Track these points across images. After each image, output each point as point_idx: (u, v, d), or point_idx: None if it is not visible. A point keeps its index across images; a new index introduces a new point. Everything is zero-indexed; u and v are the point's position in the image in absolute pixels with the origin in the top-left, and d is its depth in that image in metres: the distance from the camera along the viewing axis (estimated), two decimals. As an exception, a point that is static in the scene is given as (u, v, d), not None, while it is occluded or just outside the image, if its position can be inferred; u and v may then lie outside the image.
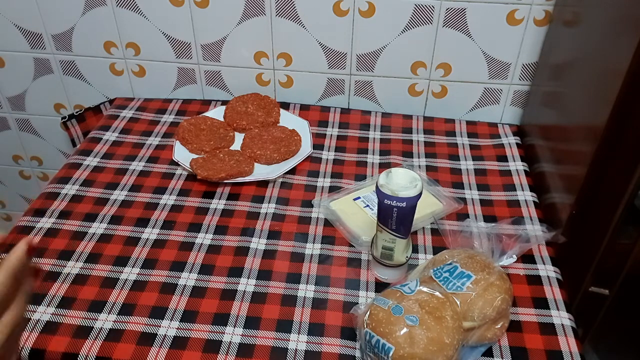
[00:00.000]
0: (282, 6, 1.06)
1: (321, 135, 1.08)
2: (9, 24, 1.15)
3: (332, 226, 0.89)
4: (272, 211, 0.91)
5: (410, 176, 0.72)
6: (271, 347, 0.71)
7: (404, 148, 1.05)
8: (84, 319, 0.74)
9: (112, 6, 1.10)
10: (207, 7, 1.08)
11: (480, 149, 1.05)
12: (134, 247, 0.85)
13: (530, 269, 0.82)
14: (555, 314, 0.75)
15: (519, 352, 0.71)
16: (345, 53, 1.10)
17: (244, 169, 0.96)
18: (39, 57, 1.20)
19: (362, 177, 0.98)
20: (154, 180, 0.97)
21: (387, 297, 0.68)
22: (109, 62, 1.19)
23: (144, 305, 0.76)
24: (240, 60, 1.14)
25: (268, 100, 1.13)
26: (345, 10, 1.05)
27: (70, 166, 1.00)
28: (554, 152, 0.93)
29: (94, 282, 0.79)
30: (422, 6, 1.02)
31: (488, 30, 1.04)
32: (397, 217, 0.72)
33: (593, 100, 0.78)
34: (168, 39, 1.13)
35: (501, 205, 0.93)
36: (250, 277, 0.80)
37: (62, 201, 0.92)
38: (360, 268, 0.82)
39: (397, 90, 1.14)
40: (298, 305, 0.76)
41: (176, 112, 1.15)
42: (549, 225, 0.83)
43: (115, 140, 1.06)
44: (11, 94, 1.27)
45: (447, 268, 0.72)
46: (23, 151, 1.38)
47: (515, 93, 1.11)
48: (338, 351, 0.71)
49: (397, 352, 0.63)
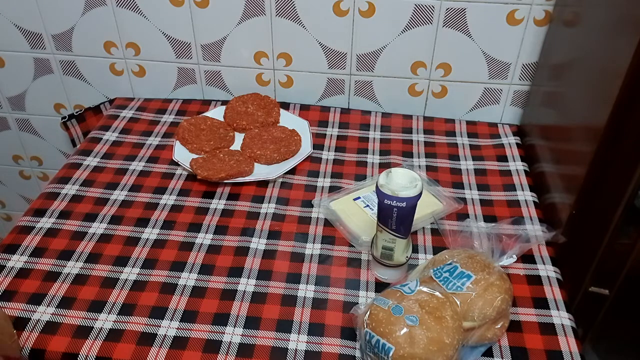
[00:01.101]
0: (282, 6, 1.06)
1: (321, 135, 1.08)
2: (9, 24, 1.15)
3: (332, 226, 0.89)
4: (272, 211, 0.91)
5: (410, 176, 0.72)
6: (271, 347, 0.71)
7: (404, 148, 1.05)
8: (84, 319, 0.74)
9: (112, 6, 1.10)
10: (207, 7, 1.08)
11: (480, 149, 1.05)
12: (134, 247, 0.85)
13: (530, 269, 0.82)
14: (555, 314, 0.75)
15: (519, 352, 0.71)
16: (345, 53, 1.10)
17: (244, 169, 0.96)
18: (39, 57, 1.20)
19: (362, 177, 0.98)
20: (154, 180, 0.97)
21: (387, 297, 0.68)
22: (109, 62, 1.19)
23: (144, 305, 0.76)
24: (240, 60, 1.14)
25: (268, 100, 1.13)
26: (345, 10, 1.05)
27: (70, 166, 1.00)
28: (554, 152, 0.93)
29: (94, 282, 0.79)
30: (422, 6, 1.02)
31: (488, 30, 1.04)
32: (397, 217, 0.72)
33: (593, 100, 0.78)
34: (168, 39, 1.13)
35: (501, 205, 0.93)
36: (250, 277, 0.80)
37: (62, 201, 0.92)
38: (360, 268, 0.82)
39: (397, 90, 1.14)
40: (298, 305, 0.76)
41: (176, 112, 1.15)
42: (549, 225, 0.83)
43: (115, 140, 1.06)
44: (11, 94, 1.27)
45: (447, 268, 0.72)
46: (23, 151, 1.38)
47: (515, 93, 1.11)
48: (338, 351, 0.71)
49: (397, 352, 0.63)
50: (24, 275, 0.80)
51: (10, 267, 0.81)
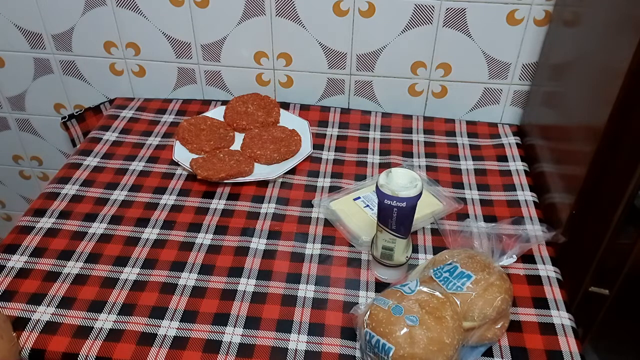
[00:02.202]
0: (282, 6, 1.06)
1: (321, 135, 1.08)
2: (9, 24, 1.15)
3: (332, 226, 0.89)
4: (272, 211, 0.91)
5: (410, 176, 0.72)
6: (271, 347, 0.71)
7: (404, 148, 1.05)
8: (84, 319, 0.74)
9: (112, 6, 1.10)
10: (207, 7, 1.08)
11: (480, 149, 1.05)
12: (134, 247, 0.85)
13: (530, 269, 0.82)
14: (555, 314, 0.75)
15: (519, 352, 0.71)
16: (345, 53, 1.10)
17: (244, 169, 0.96)
18: (39, 57, 1.20)
19: (362, 177, 0.98)
20: (154, 180, 0.97)
21: (387, 297, 0.68)
22: (109, 62, 1.19)
23: (144, 305, 0.76)
24: (240, 60, 1.14)
25: (268, 100, 1.13)
26: (345, 10, 1.05)
27: (70, 166, 1.00)
28: (554, 152, 0.93)
29: (94, 282, 0.79)
30: (422, 6, 1.02)
31: (488, 30, 1.04)
32: (397, 217, 0.72)
33: (593, 100, 0.78)
34: (168, 39, 1.13)
35: (501, 205, 0.93)
36: (250, 277, 0.80)
37: (62, 201, 0.92)
38: (360, 268, 0.82)
39: (397, 90, 1.14)
40: (298, 305, 0.76)
41: (176, 112, 1.15)
42: (549, 225, 0.83)
43: (115, 140, 1.06)
44: (11, 94, 1.27)
45: (447, 268, 0.72)
46: (23, 151, 1.38)
47: (515, 93, 1.11)
48: (338, 351, 0.71)
49: (397, 352, 0.63)
50: (24, 275, 0.80)
51: (10, 267, 0.81)
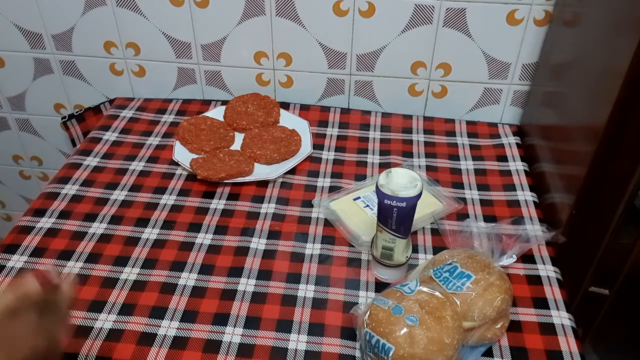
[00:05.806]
0: (282, 6, 1.06)
1: (321, 135, 1.08)
2: (9, 24, 1.15)
3: (332, 226, 0.89)
4: (272, 211, 0.91)
5: (410, 176, 0.72)
6: (271, 347, 0.71)
7: (404, 148, 1.05)
8: (83, 319, 0.74)
9: (112, 6, 1.10)
10: (207, 7, 1.08)
11: (480, 149, 1.05)
12: (134, 247, 0.84)
13: (530, 269, 0.82)
14: (555, 314, 0.75)
15: (519, 352, 0.71)
16: (345, 53, 1.10)
17: (244, 169, 0.96)
18: (39, 57, 1.20)
19: (362, 177, 0.98)
20: (154, 180, 0.97)
21: (387, 297, 0.68)
22: (109, 62, 1.19)
23: (144, 305, 0.76)
24: (240, 60, 1.14)
25: (268, 100, 1.13)
26: (345, 10, 1.05)
27: (70, 166, 1.00)
28: (554, 152, 0.93)
29: (94, 282, 0.79)
30: (422, 6, 1.02)
31: (488, 30, 1.04)
32: (397, 217, 0.72)
33: (593, 100, 0.78)
34: (168, 39, 1.13)
35: (501, 205, 0.93)
36: (250, 277, 0.80)
37: (62, 201, 0.92)
38: (360, 268, 0.82)
39: (397, 90, 1.14)
40: (298, 305, 0.76)
41: (176, 112, 1.15)
42: (549, 225, 0.83)
43: (115, 140, 1.06)
44: (11, 94, 1.27)
45: (447, 268, 0.72)
46: (23, 151, 1.38)
47: (515, 93, 1.11)
48: (338, 351, 0.71)
49: (397, 352, 0.63)
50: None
51: (10, 267, 0.81)
